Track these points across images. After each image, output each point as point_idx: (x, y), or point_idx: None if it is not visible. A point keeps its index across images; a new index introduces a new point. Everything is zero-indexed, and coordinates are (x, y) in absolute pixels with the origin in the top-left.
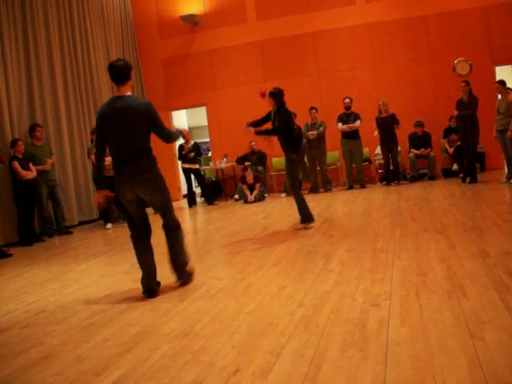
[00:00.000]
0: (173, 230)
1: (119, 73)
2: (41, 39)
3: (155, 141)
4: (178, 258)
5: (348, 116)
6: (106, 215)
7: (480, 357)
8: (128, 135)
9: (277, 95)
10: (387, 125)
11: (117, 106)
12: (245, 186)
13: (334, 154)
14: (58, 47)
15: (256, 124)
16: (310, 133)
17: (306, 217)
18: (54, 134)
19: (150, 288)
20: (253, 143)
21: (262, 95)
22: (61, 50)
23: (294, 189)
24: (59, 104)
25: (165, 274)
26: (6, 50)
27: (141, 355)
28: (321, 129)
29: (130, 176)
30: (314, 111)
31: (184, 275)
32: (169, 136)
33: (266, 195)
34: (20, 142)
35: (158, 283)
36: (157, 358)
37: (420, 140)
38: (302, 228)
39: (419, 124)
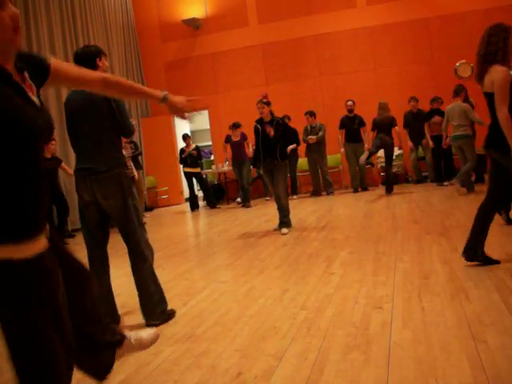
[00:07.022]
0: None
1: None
2: (44, 43)
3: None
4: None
5: (351, 119)
6: None
7: (483, 359)
8: None
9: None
10: (385, 127)
11: None
12: (228, 147)
13: (336, 156)
14: (62, 50)
15: (257, 157)
16: (310, 137)
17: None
18: (58, 136)
19: None
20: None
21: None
22: (64, 53)
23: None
24: (63, 107)
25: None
26: None
27: (143, 359)
28: (320, 133)
29: None
30: (307, 116)
31: (155, 317)
32: None
33: (267, 198)
34: (53, 142)
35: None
36: (159, 361)
37: (415, 118)
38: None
39: (413, 99)
